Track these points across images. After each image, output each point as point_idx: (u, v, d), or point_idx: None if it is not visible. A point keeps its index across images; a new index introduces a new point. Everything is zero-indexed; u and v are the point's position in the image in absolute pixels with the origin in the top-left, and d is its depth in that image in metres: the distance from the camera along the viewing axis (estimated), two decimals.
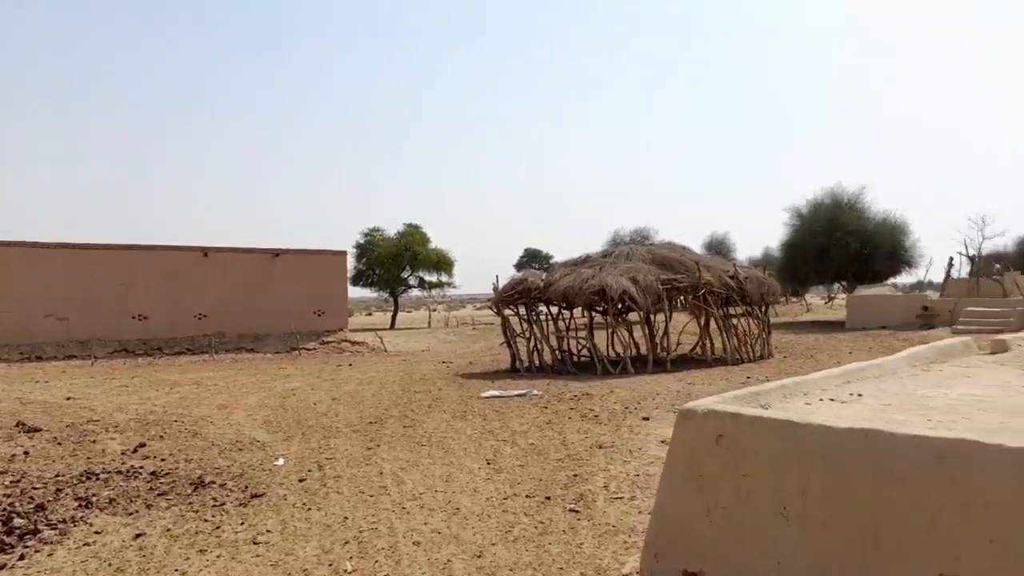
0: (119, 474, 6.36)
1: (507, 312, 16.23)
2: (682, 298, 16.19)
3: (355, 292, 39.87)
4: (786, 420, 2.81)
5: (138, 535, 4.76)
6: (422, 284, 39.72)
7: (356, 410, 10.12)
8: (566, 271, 15.84)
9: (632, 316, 16.69)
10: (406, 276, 38.86)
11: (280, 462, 6.87)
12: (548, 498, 5.43)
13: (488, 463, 6.66)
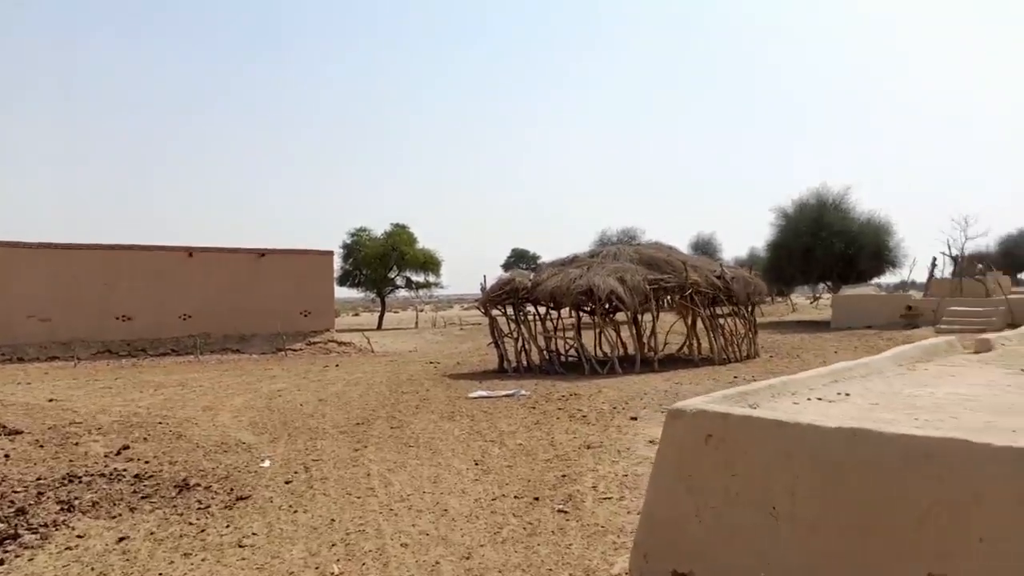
0: (102, 477, 6.28)
1: (495, 312, 16.22)
2: (669, 298, 16.25)
3: (342, 292, 39.74)
4: (775, 420, 2.81)
5: (121, 539, 4.70)
6: (409, 284, 39.59)
7: (343, 411, 10.05)
8: (554, 271, 15.85)
9: (619, 316, 16.72)
10: (393, 276, 38.71)
11: (266, 464, 6.81)
12: (536, 499, 5.42)
13: (476, 464, 6.64)
